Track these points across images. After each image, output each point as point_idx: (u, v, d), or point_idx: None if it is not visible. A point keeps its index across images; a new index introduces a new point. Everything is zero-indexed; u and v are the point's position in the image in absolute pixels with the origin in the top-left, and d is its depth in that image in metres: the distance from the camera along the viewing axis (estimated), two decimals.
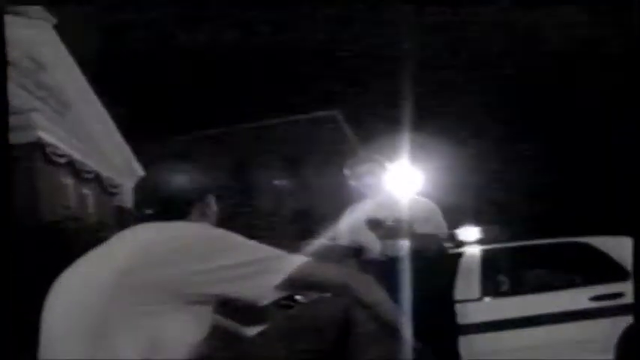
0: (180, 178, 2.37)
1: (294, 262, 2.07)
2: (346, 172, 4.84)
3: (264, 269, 2.02)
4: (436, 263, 4.57)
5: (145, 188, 2.39)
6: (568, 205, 17.33)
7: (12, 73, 14.26)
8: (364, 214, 4.67)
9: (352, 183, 4.82)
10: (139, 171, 16.81)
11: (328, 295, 2.19)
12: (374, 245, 4.62)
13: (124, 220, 14.03)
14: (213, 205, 2.39)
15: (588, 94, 18.17)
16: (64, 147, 14.15)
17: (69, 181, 14.62)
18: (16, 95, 13.72)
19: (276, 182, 27.14)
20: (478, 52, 19.39)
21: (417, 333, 2.10)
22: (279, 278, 2.02)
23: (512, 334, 5.80)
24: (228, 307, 2.13)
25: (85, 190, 15.45)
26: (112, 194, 16.74)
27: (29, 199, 11.75)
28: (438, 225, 4.71)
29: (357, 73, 20.94)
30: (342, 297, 2.10)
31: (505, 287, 6.53)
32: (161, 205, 2.27)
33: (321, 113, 28.06)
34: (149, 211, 2.26)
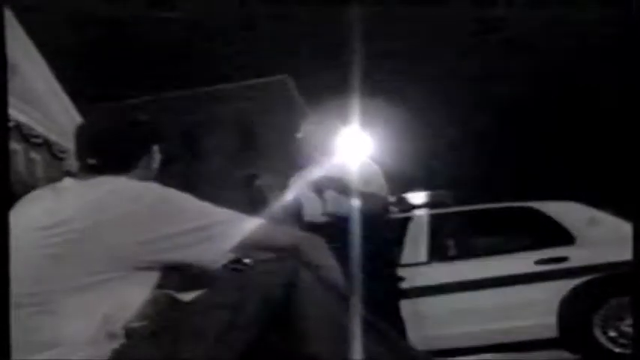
0: (128, 128, 2.24)
1: (246, 224, 2.04)
2: (299, 135, 4.80)
3: (216, 234, 1.98)
4: (380, 226, 4.57)
5: (89, 135, 2.21)
6: (515, 170, 17.54)
7: None
8: (310, 178, 4.65)
9: (303, 147, 4.78)
10: None
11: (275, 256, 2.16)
12: (317, 206, 4.61)
13: None
14: (156, 157, 2.29)
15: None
16: (10, 111, 13.86)
17: (17, 146, 14.35)
18: None
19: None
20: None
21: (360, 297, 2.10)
22: (232, 242, 1.99)
23: (459, 298, 5.87)
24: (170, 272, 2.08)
25: (34, 155, 15.19)
26: (61, 159, 16.49)
27: None
28: (379, 186, 4.70)
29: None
30: (290, 259, 2.06)
31: (452, 251, 6.59)
32: (106, 154, 2.14)
33: (271, 78, 27.91)
34: (92, 161, 2.12)
